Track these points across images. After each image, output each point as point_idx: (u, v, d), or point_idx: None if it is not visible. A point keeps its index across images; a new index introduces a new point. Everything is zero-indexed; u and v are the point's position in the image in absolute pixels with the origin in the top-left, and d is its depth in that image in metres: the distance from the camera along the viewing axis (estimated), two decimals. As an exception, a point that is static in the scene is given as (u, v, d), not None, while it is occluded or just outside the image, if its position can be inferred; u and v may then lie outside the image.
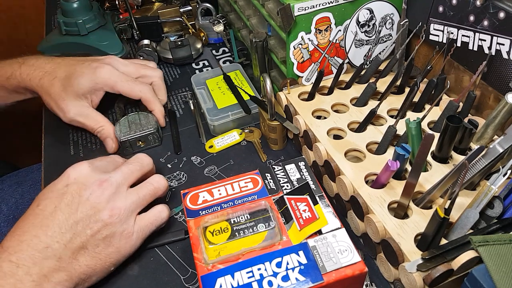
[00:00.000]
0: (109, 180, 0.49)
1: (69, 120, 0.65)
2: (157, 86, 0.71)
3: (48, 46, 0.86)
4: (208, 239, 0.42)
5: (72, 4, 0.81)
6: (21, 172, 0.89)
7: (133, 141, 0.65)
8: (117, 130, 0.65)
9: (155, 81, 0.71)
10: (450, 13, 0.57)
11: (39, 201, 0.47)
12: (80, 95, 0.64)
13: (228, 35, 0.89)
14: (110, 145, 0.65)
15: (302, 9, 0.58)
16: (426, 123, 0.57)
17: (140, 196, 0.50)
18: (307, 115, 0.60)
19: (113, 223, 0.47)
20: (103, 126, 0.65)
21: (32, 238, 0.44)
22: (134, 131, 0.64)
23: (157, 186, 0.53)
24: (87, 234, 0.45)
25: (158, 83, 0.71)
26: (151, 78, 0.70)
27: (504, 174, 0.40)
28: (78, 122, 0.65)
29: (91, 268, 0.46)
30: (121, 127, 0.65)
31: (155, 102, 0.68)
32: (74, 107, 0.64)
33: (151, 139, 0.66)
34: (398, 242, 0.43)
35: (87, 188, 0.47)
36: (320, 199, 0.45)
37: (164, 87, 0.72)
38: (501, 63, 0.52)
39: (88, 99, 0.66)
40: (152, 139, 0.66)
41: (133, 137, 0.64)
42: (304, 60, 0.63)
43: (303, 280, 0.38)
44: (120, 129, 0.65)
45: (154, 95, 0.68)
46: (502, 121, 0.50)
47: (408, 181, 0.44)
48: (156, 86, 0.71)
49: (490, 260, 0.37)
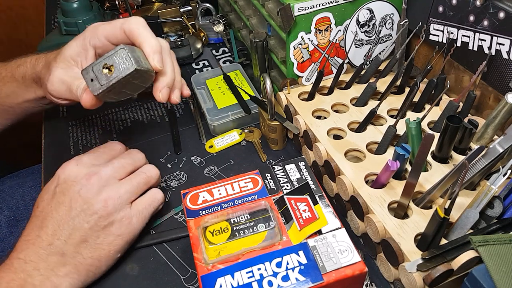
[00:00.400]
0: (98, 173, 0.49)
1: (48, 92, 0.56)
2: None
3: (48, 46, 0.86)
4: (208, 239, 0.42)
5: (72, 4, 0.81)
6: (22, 173, 0.89)
7: (112, 89, 0.47)
8: (87, 78, 0.47)
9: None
10: (450, 13, 0.57)
11: (38, 203, 0.49)
12: (68, 59, 0.54)
13: (228, 35, 0.89)
14: (84, 100, 0.51)
15: (302, 9, 0.58)
16: (426, 123, 0.57)
17: (134, 184, 0.50)
18: (307, 115, 0.60)
19: (109, 213, 0.47)
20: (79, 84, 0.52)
21: (36, 238, 0.46)
22: (108, 78, 0.46)
23: (150, 175, 0.53)
24: (85, 227, 0.46)
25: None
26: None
27: (504, 174, 0.40)
28: (59, 92, 0.55)
29: (96, 259, 0.47)
30: (93, 73, 0.46)
31: (143, 33, 0.49)
32: (58, 74, 0.54)
33: (137, 82, 0.48)
34: (398, 242, 0.43)
35: (76, 184, 0.48)
36: (320, 199, 0.45)
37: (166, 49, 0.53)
38: (501, 63, 0.52)
39: (77, 63, 0.54)
40: (139, 81, 0.48)
41: (109, 84, 0.46)
42: (304, 60, 0.63)
43: (303, 280, 0.38)
44: (91, 76, 0.46)
45: (144, 26, 0.50)
46: (502, 121, 0.50)
47: (408, 181, 0.44)
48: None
49: (490, 260, 0.37)
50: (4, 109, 0.65)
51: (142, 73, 0.46)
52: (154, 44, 0.49)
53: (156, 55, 0.48)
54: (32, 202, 0.78)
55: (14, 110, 0.66)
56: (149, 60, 0.48)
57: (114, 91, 0.47)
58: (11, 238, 0.74)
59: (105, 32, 0.52)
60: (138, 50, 0.47)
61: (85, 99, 0.51)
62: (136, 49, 0.47)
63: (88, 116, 0.74)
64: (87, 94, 0.50)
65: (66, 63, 0.54)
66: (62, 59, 0.54)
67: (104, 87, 0.46)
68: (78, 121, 0.73)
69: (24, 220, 0.76)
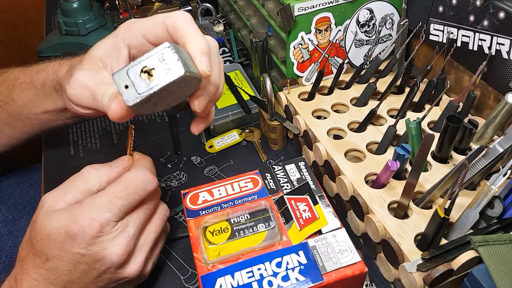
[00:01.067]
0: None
1: (68, 99, 0.46)
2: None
3: (48, 46, 0.86)
4: (208, 239, 0.42)
5: (72, 4, 0.81)
6: (20, 172, 0.89)
7: (151, 99, 0.36)
8: (120, 84, 0.36)
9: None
10: (450, 13, 0.57)
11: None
12: (96, 60, 0.45)
13: (228, 35, 0.89)
14: (113, 111, 0.40)
15: (302, 9, 0.58)
16: (426, 123, 0.57)
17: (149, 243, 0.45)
18: (307, 115, 0.60)
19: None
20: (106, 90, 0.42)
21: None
22: (148, 85, 0.35)
23: (165, 221, 0.49)
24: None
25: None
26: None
27: (504, 174, 0.40)
28: (80, 98, 0.45)
29: None
30: (128, 78, 0.36)
31: (191, 29, 0.40)
32: (80, 77, 0.44)
33: (181, 90, 0.38)
34: (398, 242, 0.43)
35: (52, 259, 0.41)
36: (320, 199, 0.45)
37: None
38: (501, 63, 0.52)
39: (107, 65, 0.45)
40: (183, 90, 0.38)
41: (149, 93, 0.35)
42: (304, 60, 0.63)
43: (303, 280, 0.38)
44: (126, 82, 0.36)
45: (191, 22, 0.41)
46: (502, 121, 0.50)
47: (408, 181, 0.44)
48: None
49: (490, 260, 0.37)
50: (21, 119, 0.58)
51: (190, 79, 0.37)
52: (202, 44, 0.39)
53: (204, 57, 0.38)
54: (30, 201, 0.78)
55: (31, 122, 0.57)
56: (196, 63, 0.38)
57: (153, 101, 0.37)
58: (9, 238, 0.74)
59: (143, 28, 0.43)
60: (184, 50, 0.38)
61: (114, 110, 0.40)
62: (182, 49, 0.37)
63: (88, 116, 0.74)
64: (117, 103, 0.39)
65: (92, 64, 0.45)
66: (88, 59, 0.45)
67: (142, 96, 0.35)
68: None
69: (22, 220, 0.75)
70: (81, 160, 0.66)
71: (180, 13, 0.41)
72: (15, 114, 0.58)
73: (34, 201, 0.78)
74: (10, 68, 0.60)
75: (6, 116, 0.58)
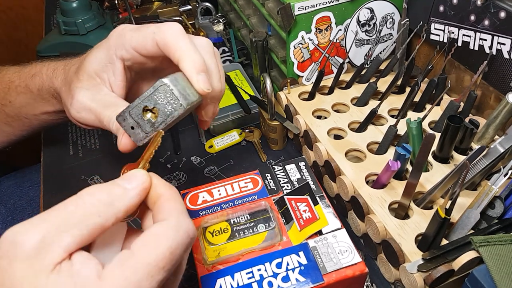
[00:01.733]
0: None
1: (73, 118, 0.46)
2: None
3: (47, 45, 0.86)
4: (208, 240, 0.42)
5: (71, 4, 0.81)
6: (20, 173, 0.89)
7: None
8: (126, 126, 0.38)
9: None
10: (451, 12, 0.57)
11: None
12: (93, 75, 0.44)
13: (228, 35, 0.88)
14: (123, 147, 0.40)
15: (302, 9, 0.57)
16: (427, 123, 0.57)
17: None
18: (307, 115, 0.59)
19: None
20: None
21: None
22: (153, 124, 0.37)
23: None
24: None
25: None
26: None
27: (505, 174, 0.40)
28: (86, 120, 0.45)
29: None
30: (132, 120, 0.37)
31: (182, 46, 0.38)
32: (82, 99, 0.44)
33: (185, 115, 0.38)
34: (399, 242, 0.43)
35: None
36: (321, 200, 0.45)
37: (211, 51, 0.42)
38: (502, 63, 0.52)
39: (104, 81, 0.44)
40: (187, 114, 0.39)
41: (156, 132, 0.37)
42: (304, 60, 0.63)
43: (303, 281, 0.38)
44: (131, 123, 0.37)
45: (182, 35, 0.39)
46: (503, 121, 0.50)
47: (409, 181, 0.44)
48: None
49: (491, 260, 0.37)
50: (20, 119, 0.56)
51: (192, 107, 0.38)
52: (197, 61, 0.37)
53: (201, 76, 0.37)
54: (30, 202, 0.78)
55: (30, 122, 0.56)
56: (193, 83, 0.37)
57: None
58: None
59: (134, 42, 0.41)
60: (180, 76, 0.37)
61: (124, 146, 0.40)
62: (178, 77, 0.37)
63: (88, 116, 0.74)
64: (126, 140, 0.39)
65: (90, 81, 0.44)
66: (85, 76, 0.44)
67: (149, 135, 0.37)
68: (78, 121, 0.73)
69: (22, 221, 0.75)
70: (81, 160, 0.66)
71: (170, 27, 0.39)
72: (14, 115, 0.56)
73: (34, 202, 0.78)
74: (3, 67, 0.57)
75: (5, 117, 0.57)
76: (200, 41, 0.41)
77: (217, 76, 0.41)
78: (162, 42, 0.39)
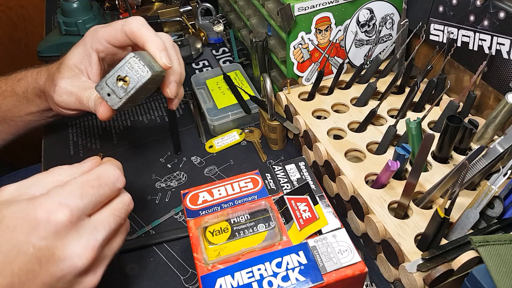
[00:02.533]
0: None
1: (56, 105, 0.53)
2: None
3: (48, 46, 0.86)
4: (208, 239, 0.42)
5: (72, 4, 0.81)
6: (20, 173, 0.89)
7: (130, 99, 0.45)
8: (103, 93, 0.45)
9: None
10: (450, 13, 0.57)
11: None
12: (72, 67, 0.52)
13: (228, 35, 0.89)
14: (102, 114, 0.49)
15: (302, 9, 0.57)
16: (426, 123, 0.57)
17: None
18: (307, 115, 0.60)
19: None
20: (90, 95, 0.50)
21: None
22: (125, 90, 0.45)
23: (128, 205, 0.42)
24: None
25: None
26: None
27: (504, 174, 0.40)
28: (68, 104, 0.52)
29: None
30: (108, 87, 0.45)
31: (145, 32, 0.47)
32: (64, 85, 0.51)
33: (152, 85, 0.47)
34: (398, 242, 0.43)
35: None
36: (320, 199, 0.45)
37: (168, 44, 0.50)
38: (501, 63, 0.52)
39: (82, 71, 0.52)
40: (153, 84, 0.47)
41: (128, 96, 0.45)
42: (304, 60, 0.63)
43: (303, 280, 0.38)
44: (107, 91, 0.45)
45: (145, 25, 0.48)
46: (502, 121, 0.50)
47: (408, 181, 0.44)
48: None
49: (490, 260, 0.37)
50: (6, 122, 0.62)
51: (156, 76, 0.46)
52: (158, 42, 0.46)
53: (163, 53, 0.46)
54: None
55: (16, 124, 0.62)
56: (157, 60, 0.46)
57: (132, 99, 0.46)
58: None
59: (106, 35, 0.50)
60: (146, 53, 0.46)
61: (102, 113, 0.48)
62: (144, 54, 0.46)
63: (88, 116, 0.74)
64: (104, 107, 0.48)
65: (70, 72, 0.52)
66: (66, 68, 0.52)
67: (123, 100, 0.45)
68: (78, 121, 0.73)
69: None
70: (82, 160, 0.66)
71: (135, 19, 0.48)
72: (0, 118, 0.61)
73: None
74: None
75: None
76: (163, 35, 0.50)
77: (176, 60, 0.49)
78: (129, 31, 0.48)
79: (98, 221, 0.37)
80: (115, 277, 0.50)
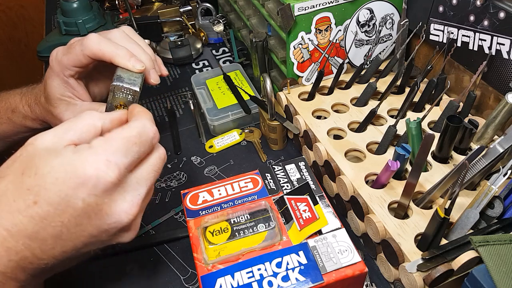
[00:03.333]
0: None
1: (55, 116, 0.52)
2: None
3: (48, 46, 0.86)
4: (208, 239, 0.42)
5: (72, 4, 0.81)
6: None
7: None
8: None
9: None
10: (450, 13, 0.57)
11: None
12: (61, 98, 0.52)
13: (228, 35, 0.89)
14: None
15: (302, 9, 0.57)
16: (426, 123, 0.57)
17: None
18: (307, 115, 0.60)
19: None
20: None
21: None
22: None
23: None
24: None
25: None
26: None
27: (504, 174, 0.40)
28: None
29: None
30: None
31: (105, 49, 0.46)
32: (66, 117, 0.51)
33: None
34: (398, 242, 0.43)
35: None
36: (320, 199, 0.45)
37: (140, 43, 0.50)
38: (501, 63, 0.52)
39: (71, 97, 0.52)
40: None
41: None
42: (304, 60, 0.63)
43: (303, 280, 0.38)
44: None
45: (101, 40, 0.47)
46: (502, 121, 0.50)
47: (408, 181, 0.44)
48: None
49: (490, 260, 0.37)
50: (2, 141, 0.60)
51: (142, 84, 0.48)
52: (122, 53, 0.46)
53: (131, 60, 0.46)
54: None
55: (12, 140, 0.61)
56: (130, 69, 0.46)
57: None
58: None
59: (71, 62, 0.49)
60: (120, 71, 0.46)
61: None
62: (120, 73, 0.46)
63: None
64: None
65: (63, 103, 0.51)
66: (57, 102, 0.51)
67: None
68: (78, 121, 0.73)
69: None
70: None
71: (90, 39, 0.47)
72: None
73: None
74: None
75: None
76: (115, 34, 0.48)
77: (140, 51, 0.48)
78: (90, 53, 0.47)
79: (140, 177, 0.38)
80: (115, 277, 0.50)
